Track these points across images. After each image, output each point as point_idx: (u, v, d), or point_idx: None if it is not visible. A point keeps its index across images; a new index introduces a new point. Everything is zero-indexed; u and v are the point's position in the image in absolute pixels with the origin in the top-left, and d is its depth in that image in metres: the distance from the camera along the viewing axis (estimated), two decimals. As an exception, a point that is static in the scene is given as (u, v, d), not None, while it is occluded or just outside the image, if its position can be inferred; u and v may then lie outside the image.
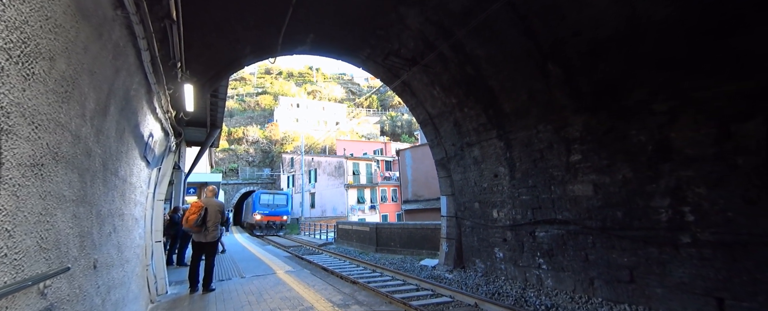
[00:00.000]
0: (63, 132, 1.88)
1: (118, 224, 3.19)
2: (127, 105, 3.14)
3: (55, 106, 1.76)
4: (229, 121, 48.47)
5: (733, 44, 4.07)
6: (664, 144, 4.94)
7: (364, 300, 4.57)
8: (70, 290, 2.01)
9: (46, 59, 1.62)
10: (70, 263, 1.98)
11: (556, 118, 6.32)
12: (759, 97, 4.01)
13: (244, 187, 33.00)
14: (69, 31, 1.80)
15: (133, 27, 2.59)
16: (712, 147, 4.48)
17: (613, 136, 5.52)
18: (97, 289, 2.49)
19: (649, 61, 4.80)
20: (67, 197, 2.00)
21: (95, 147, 2.46)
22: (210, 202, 5.31)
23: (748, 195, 4.19)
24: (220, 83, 6.93)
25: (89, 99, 2.23)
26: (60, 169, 1.89)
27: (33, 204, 1.61)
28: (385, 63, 8.32)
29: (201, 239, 5.24)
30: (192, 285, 5.24)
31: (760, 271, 4.09)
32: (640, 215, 5.22)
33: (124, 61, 2.78)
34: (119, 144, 3.09)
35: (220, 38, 5.96)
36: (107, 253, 2.82)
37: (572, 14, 5.21)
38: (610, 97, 5.43)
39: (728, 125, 4.32)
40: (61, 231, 1.93)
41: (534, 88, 6.44)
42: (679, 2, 4.24)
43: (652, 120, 5.01)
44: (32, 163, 1.58)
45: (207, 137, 8.87)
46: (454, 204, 9.14)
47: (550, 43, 5.73)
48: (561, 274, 6.28)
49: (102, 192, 2.70)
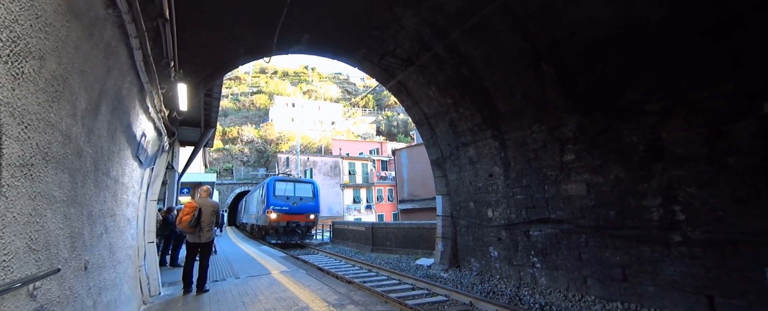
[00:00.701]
0: (53, 132, 1.86)
1: (109, 225, 3.16)
2: (119, 104, 3.11)
3: (45, 105, 1.74)
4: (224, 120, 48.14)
5: (730, 44, 4.12)
6: (655, 144, 5.00)
7: (359, 300, 4.57)
8: (60, 292, 1.98)
9: (36, 58, 1.60)
10: (60, 264, 1.96)
11: (550, 119, 6.36)
12: (755, 97, 4.06)
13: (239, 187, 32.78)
14: (59, 30, 1.78)
15: (126, 26, 2.57)
16: (703, 147, 4.54)
17: (607, 137, 5.57)
18: (88, 291, 2.46)
19: (647, 62, 4.84)
20: (57, 198, 1.98)
21: (86, 147, 2.44)
22: (204, 202, 5.27)
23: (738, 195, 4.26)
24: (215, 82, 6.88)
25: (80, 98, 2.21)
26: (50, 169, 1.86)
27: (22, 204, 1.59)
28: (380, 63, 8.32)
29: (195, 240, 5.20)
30: (186, 286, 5.20)
31: (749, 269, 4.16)
32: (632, 214, 5.28)
33: (116, 61, 2.75)
34: (111, 144, 3.06)
35: (214, 37, 5.92)
36: (99, 254, 2.79)
37: (567, 15, 5.25)
38: (606, 98, 5.47)
39: (720, 125, 4.38)
40: (52, 232, 1.91)
41: (529, 88, 6.49)
42: (676, 3, 4.29)
43: (644, 120, 5.07)
44: (21, 163, 1.56)
45: (201, 137, 8.81)
46: (450, 203, 9.17)
47: (545, 43, 5.77)
48: (555, 273, 6.33)
49: (93, 192, 2.68)
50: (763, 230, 4.04)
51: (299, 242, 16.36)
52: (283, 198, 15.68)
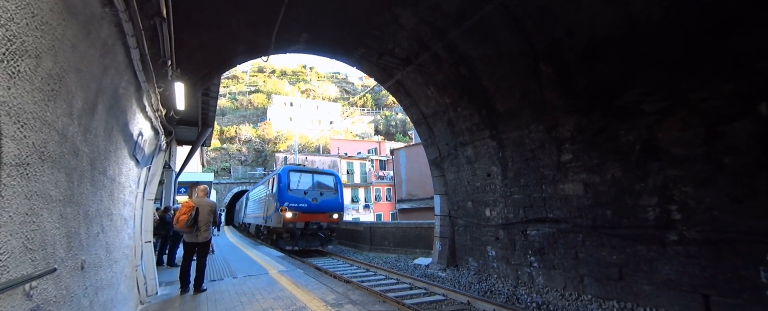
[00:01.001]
0: (49, 131, 1.85)
1: (106, 224, 3.14)
2: (116, 103, 3.10)
3: (41, 104, 1.73)
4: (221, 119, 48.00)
5: (730, 45, 4.13)
6: (652, 143, 5.02)
7: (357, 299, 4.58)
8: (56, 291, 1.98)
9: (32, 57, 1.59)
10: (56, 264, 1.95)
11: (548, 118, 6.38)
12: (753, 97, 4.08)
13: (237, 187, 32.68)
14: (56, 29, 1.77)
15: (123, 24, 2.56)
16: (700, 146, 4.56)
17: (604, 136, 5.60)
18: (84, 290, 2.45)
19: (647, 62, 4.85)
20: (53, 197, 1.97)
21: (83, 146, 2.42)
22: (201, 202, 5.25)
23: (735, 194, 4.29)
24: (212, 82, 6.86)
25: (76, 97, 2.20)
26: (46, 169, 1.86)
27: (18, 204, 1.58)
28: (379, 62, 8.32)
29: (192, 239, 5.19)
30: (183, 286, 5.19)
31: (744, 268, 4.19)
32: (628, 214, 5.31)
33: (112, 59, 2.74)
34: (108, 143, 3.05)
35: (212, 36, 5.90)
36: (95, 254, 2.78)
37: (566, 15, 5.27)
38: (604, 98, 5.49)
39: (717, 125, 4.40)
40: (48, 232, 1.90)
41: (527, 88, 6.50)
42: (676, 3, 4.30)
43: (641, 120, 5.09)
44: (18, 163, 1.55)
45: (198, 136, 8.79)
46: (448, 203, 9.19)
47: (544, 43, 5.79)
48: (552, 272, 6.36)
49: (90, 191, 2.66)
50: (758, 229, 4.07)
51: (321, 249, 13.01)
52: (300, 192, 12.17)
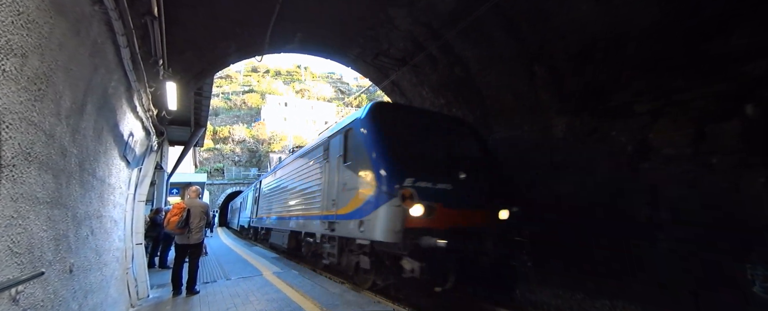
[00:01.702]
0: (36, 131, 1.81)
1: (95, 226, 3.09)
2: (106, 103, 3.05)
3: (27, 104, 1.69)
4: (215, 119, 47.54)
5: (719, 47, 4.22)
6: (643, 144, 5.10)
7: (353, 300, 4.56)
8: (44, 295, 1.93)
9: (18, 56, 1.56)
10: (44, 267, 1.91)
11: (541, 119, 6.44)
12: (742, 98, 4.16)
13: (230, 187, 32.39)
14: (43, 27, 1.74)
15: (113, 23, 2.51)
16: (689, 147, 4.64)
17: (596, 137, 5.66)
18: (73, 294, 2.41)
19: (637, 64, 4.93)
20: (40, 199, 1.93)
21: (71, 147, 2.38)
22: (193, 203, 5.19)
23: (721, 193, 4.36)
24: (205, 81, 6.79)
25: (65, 97, 2.15)
26: (33, 170, 1.81)
27: (4, 206, 1.54)
28: (374, 62, 8.31)
29: (184, 241, 5.12)
30: (175, 288, 5.12)
31: (732, 266, 4.26)
32: (619, 213, 5.37)
33: (102, 58, 2.69)
34: (97, 143, 3.00)
35: (204, 36, 5.83)
36: (84, 257, 2.73)
37: (557, 17, 5.32)
38: (596, 99, 5.55)
39: (706, 126, 4.48)
40: (35, 235, 1.86)
41: (521, 89, 6.55)
42: (665, 7, 4.37)
43: (633, 121, 5.16)
44: (3, 164, 1.51)
45: (191, 136, 8.68)
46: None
47: (538, 45, 5.83)
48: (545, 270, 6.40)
49: (78, 193, 2.61)
50: (744, 228, 4.15)
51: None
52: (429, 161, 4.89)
